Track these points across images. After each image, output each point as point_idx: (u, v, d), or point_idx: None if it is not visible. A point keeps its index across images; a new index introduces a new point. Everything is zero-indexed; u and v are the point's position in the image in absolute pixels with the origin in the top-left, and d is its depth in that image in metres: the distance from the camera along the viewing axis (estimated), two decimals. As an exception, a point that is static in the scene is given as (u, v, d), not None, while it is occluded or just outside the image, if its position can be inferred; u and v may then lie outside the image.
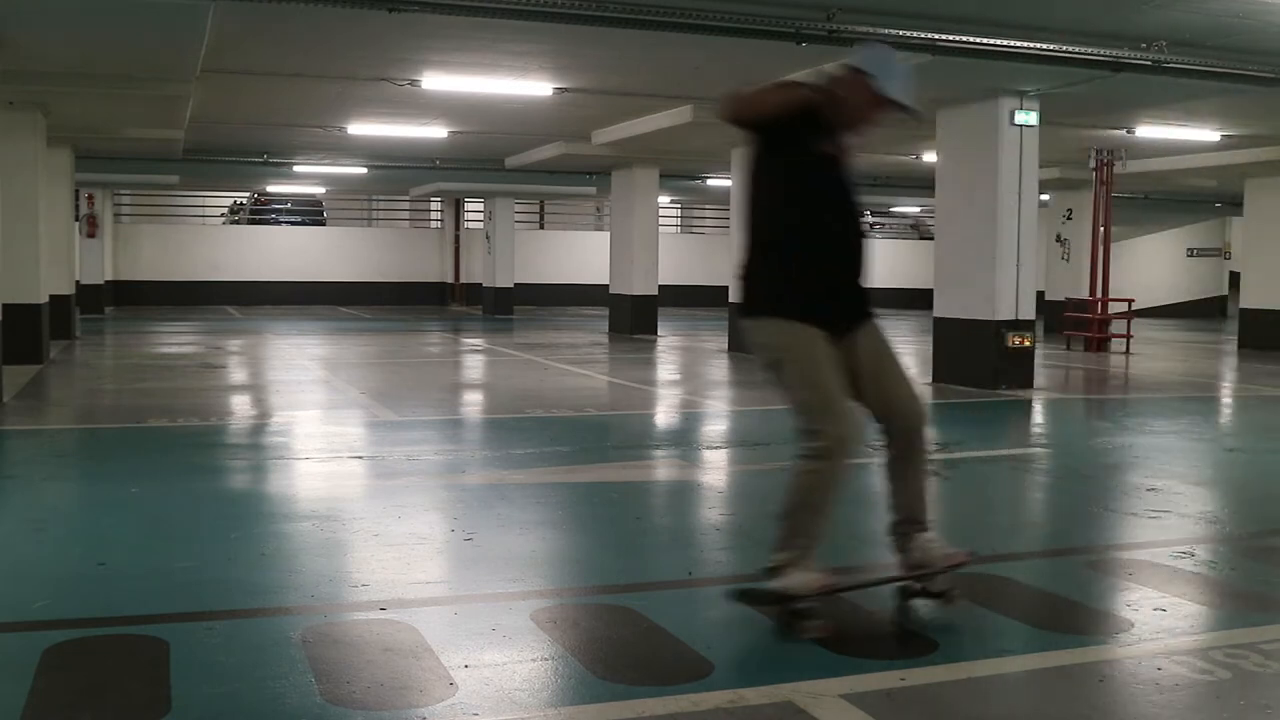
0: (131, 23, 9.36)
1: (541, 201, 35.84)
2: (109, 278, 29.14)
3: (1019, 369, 12.51)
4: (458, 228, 34.80)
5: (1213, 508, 6.79)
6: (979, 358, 12.55)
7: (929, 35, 9.47)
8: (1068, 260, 22.78)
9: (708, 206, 36.18)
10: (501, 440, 8.94)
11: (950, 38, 9.52)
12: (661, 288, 22.28)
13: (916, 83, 4.43)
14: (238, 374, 14.12)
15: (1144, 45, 9.99)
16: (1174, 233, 31.51)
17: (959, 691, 3.71)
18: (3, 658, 3.98)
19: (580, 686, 3.70)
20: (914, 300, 34.68)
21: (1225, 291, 31.61)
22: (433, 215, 36.26)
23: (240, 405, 11.17)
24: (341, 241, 34.29)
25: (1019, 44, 9.74)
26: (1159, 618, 4.44)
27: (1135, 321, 19.32)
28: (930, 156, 17.87)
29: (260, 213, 35.07)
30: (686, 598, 4.81)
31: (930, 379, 13.24)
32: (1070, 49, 9.91)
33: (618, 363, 16.12)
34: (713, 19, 8.89)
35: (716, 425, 10.34)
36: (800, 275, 4.21)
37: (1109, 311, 18.92)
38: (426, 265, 35.02)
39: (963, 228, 12.78)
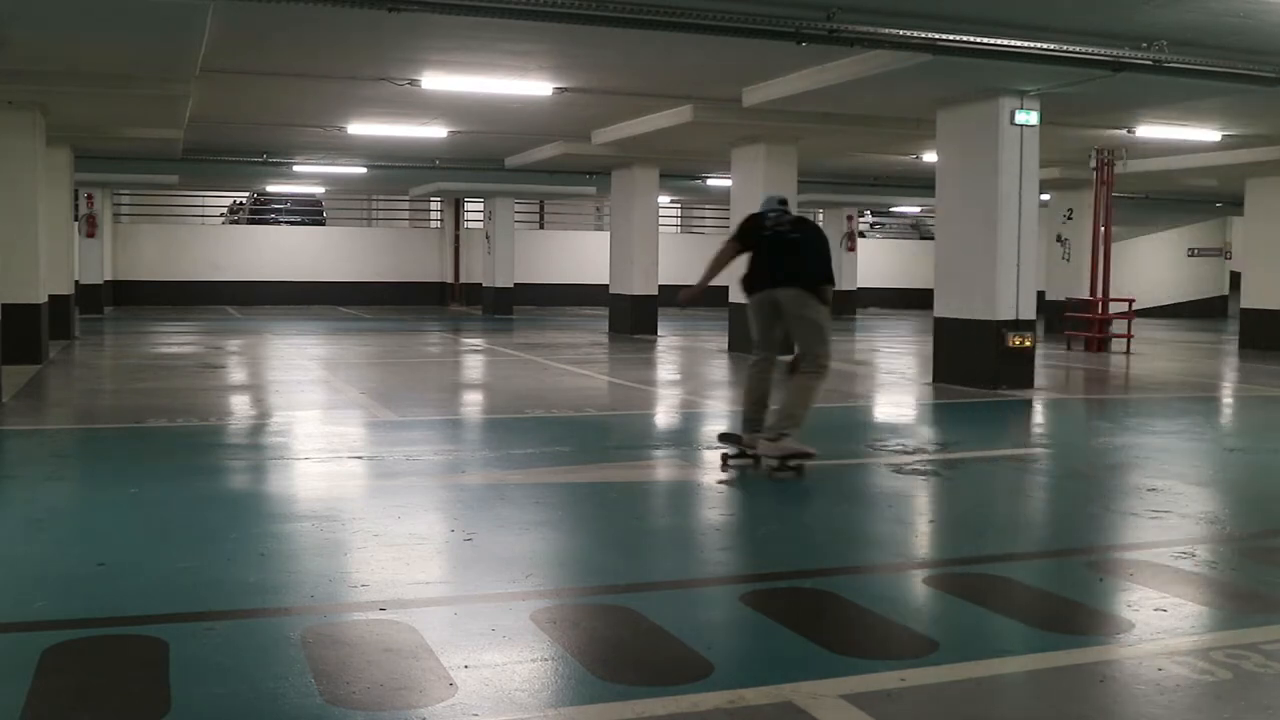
0: (131, 23, 9.36)
1: (541, 201, 35.85)
2: (108, 277, 29.15)
3: (1019, 369, 12.50)
4: (457, 228, 34.81)
5: (1213, 508, 6.78)
6: (979, 358, 12.55)
7: (929, 35, 9.47)
8: (1068, 260, 22.78)
9: (708, 206, 36.19)
10: (501, 440, 8.93)
11: (950, 38, 9.52)
12: (661, 288, 22.26)
13: (917, 82, 4.52)
14: (237, 374, 14.12)
15: (1144, 45, 9.98)
16: (1174, 233, 31.50)
17: (959, 691, 3.70)
18: (3, 658, 3.97)
19: (580, 686, 3.69)
20: (914, 300, 34.70)
21: (1226, 291, 31.59)
22: (432, 215, 36.26)
23: (240, 405, 11.16)
24: (341, 241, 34.30)
25: (1019, 44, 9.74)
26: (1160, 618, 4.44)
27: (1136, 321, 19.31)
28: (930, 156, 17.88)
29: (260, 213, 35.08)
30: (686, 598, 4.81)
31: (930, 379, 13.24)
32: (1070, 49, 9.91)
33: (618, 363, 16.12)
34: (713, 19, 8.88)
35: (716, 425, 10.30)
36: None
37: (1109, 311, 18.91)
38: (426, 265, 35.03)
39: (963, 228, 12.78)
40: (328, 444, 8.61)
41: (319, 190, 31.08)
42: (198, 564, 5.13)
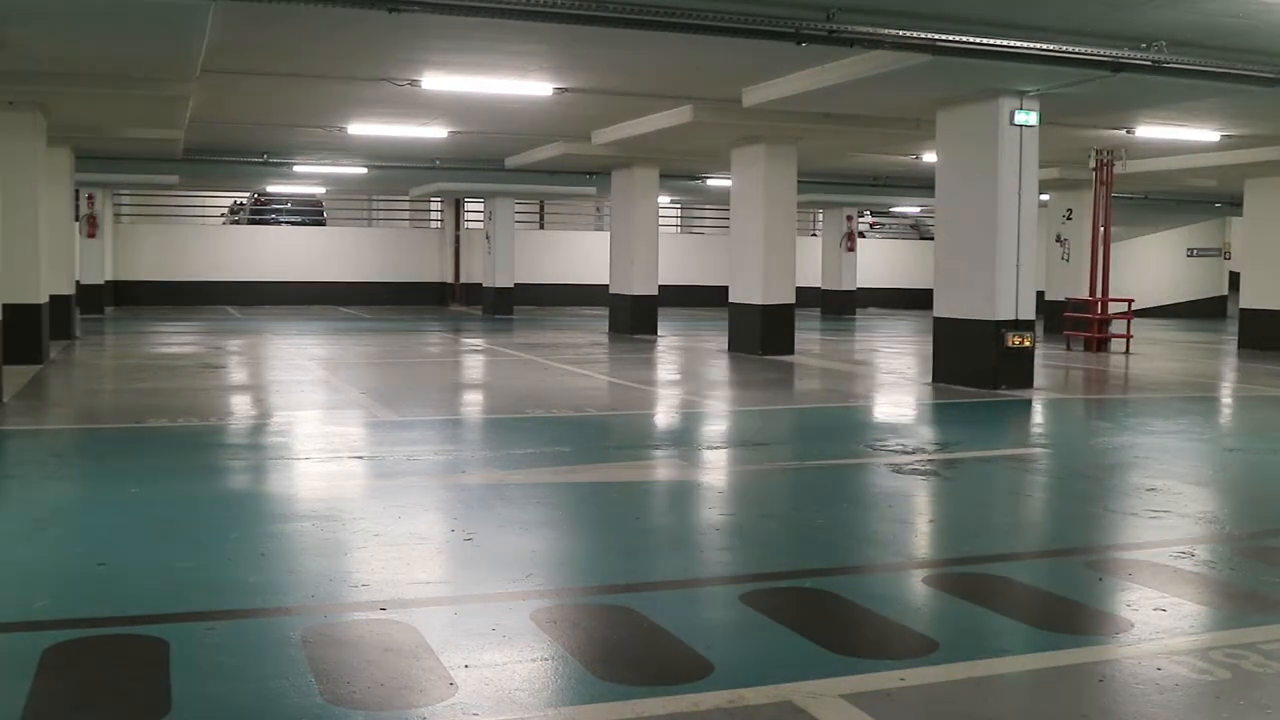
0: (131, 23, 9.36)
1: (541, 201, 35.84)
2: (109, 278, 29.15)
3: (1019, 369, 12.51)
4: (458, 228, 34.81)
5: (1213, 508, 6.79)
6: (979, 358, 12.56)
7: (929, 35, 9.48)
8: (1068, 260, 22.78)
9: (708, 206, 36.19)
10: (501, 440, 8.94)
11: (950, 38, 9.52)
12: (661, 288, 22.28)
13: (917, 82, 4.53)
14: (238, 374, 14.12)
15: (1144, 45, 9.99)
16: (1174, 233, 31.50)
17: (959, 691, 3.71)
18: (3, 658, 3.98)
19: (580, 686, 3.70)
20: (914, 300, 34.73)
21: (1225, 291, 31.60)
22: (433, 215, 36.27)
23: (240, 405, 11.17)
24: (341, 241, 34.29)
25: (1019, 44, 9.74)
26: (1159, 618, 4.45)
27: (1135, 321, 19.32)
28: (930, 156, 17.90)
29: (260, 213, 35.08)
30: (686, 598, 4.81)
31: (930, 379, 13.24)
32: (1070, 49, 9.91)
33: (618, 363, 16.12)
34: (713, 19, 8.89)
35: (716, 425, 10.33)
36: None
37: (1109, 311, 18.92)
38: (426, 265, 35.03)
39: (963, 228, 12.78)
40: (328, 444, 8.61)
41: (319, 190, 31.08)
42: (198, 564, 5.13)
